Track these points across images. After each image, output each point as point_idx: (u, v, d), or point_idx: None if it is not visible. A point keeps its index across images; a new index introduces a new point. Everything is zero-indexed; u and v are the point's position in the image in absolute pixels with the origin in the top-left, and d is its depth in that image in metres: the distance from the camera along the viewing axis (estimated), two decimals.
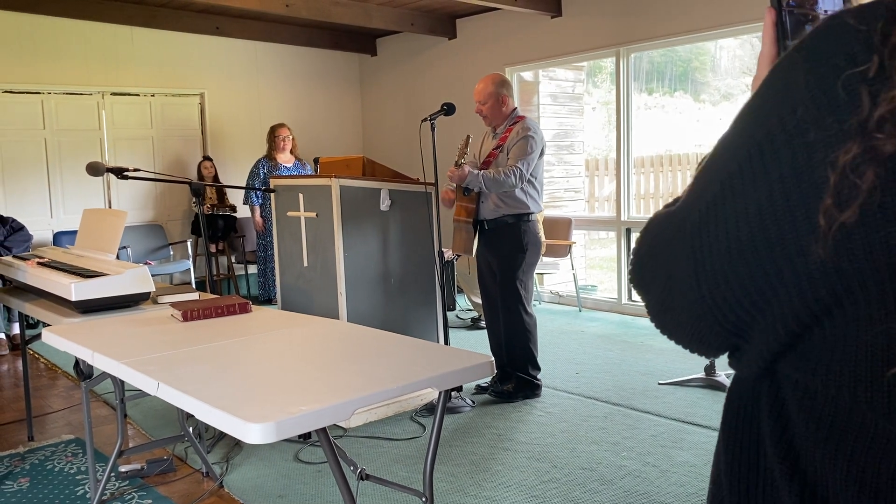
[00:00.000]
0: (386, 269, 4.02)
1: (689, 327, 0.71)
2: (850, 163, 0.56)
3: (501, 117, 4.08)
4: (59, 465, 3.40)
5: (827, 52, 0.60)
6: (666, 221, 0.73)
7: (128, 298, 2.91)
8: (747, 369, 0.71)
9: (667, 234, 0.72)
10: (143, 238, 7.27)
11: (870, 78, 0.57)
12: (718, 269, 0.65)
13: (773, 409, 0.69)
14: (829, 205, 0.57)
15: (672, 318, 0.73)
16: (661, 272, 0.72)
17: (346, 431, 3.65)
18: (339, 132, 8.69)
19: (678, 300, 0.70)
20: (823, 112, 0.58)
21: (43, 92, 6.90)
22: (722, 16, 5.47)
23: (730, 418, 0.76)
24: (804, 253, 0.59)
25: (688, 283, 0.68)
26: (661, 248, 0.72)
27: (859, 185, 0.56)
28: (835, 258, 0.58)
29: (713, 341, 0.71)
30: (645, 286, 0.76)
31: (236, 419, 1.51)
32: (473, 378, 1.93)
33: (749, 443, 0.73)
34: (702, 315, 0.68)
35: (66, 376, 4.94)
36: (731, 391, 0.76)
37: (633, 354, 5.00)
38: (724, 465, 0.76)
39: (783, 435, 0.68)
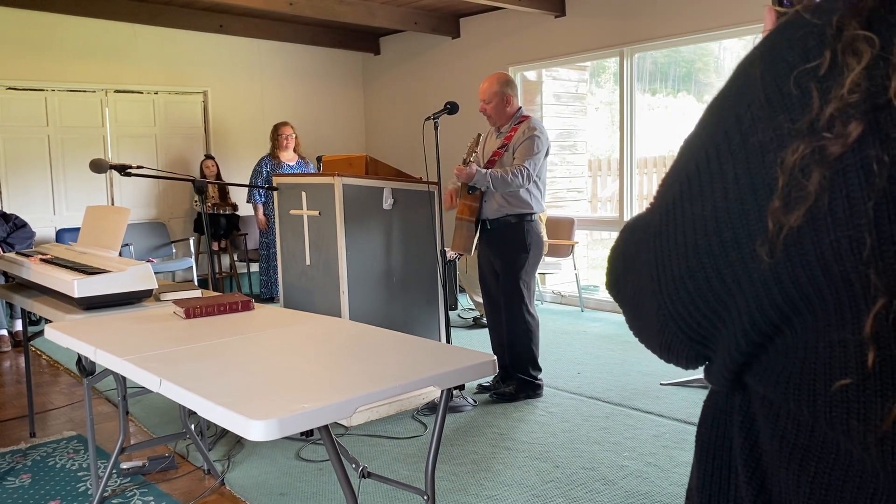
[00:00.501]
0: (388, 267, 4.02)
1: (656, 335, 0.68)
2: (797, 163, 0.54)
3: (506, 117, 4.07)
4: (61, 462, 3.40)
5: (782, 47, 0.57)
6: (635, 225, 0.71)
7: (130, 295, 2.91)
8: (717, 382, 0.68)
9: (635, 237, 0.70)
10: (146, 236, 7.28)
11: (821, 75, 0.54)
12: (678, 274, 0.62)
13: (744, 424, 0.66)
14: (777, 207, 0.54)
15: (642, 326, 0.70)
16: (630, 278, 0.70)
17: (347, 430, 3.65)
18: (342, 131, 8.69)
19: (645, 308, 0.68)
20: (776, 110, 0.56)
21: (46, 89, 6.91)
22: (726, 16, 5.46)
23: (703, 432, 0.73)
24: (759, 258, 0.56)
25: (651, 289, 0.66)
26: (631, 254, 0.70)
27: (807, 186, 0.53)
28: (788, 264, 0.55)
29: (682, 352, 0.68)
30: (618, 294, 0.74)
31: (239, 416, 1.51)
32: (476, 377, 1.93)
33: (721, 459, 0.70)
34: (665, 323, 0.66)
35: (69, 373, 4.95)
36: (706, 404, 0.74)
37: (634, 355, 5.00)
38: (695, 480, 0.73)
39: (752, 451, 0.65)
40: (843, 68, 0.53)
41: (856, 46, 0.53)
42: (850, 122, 0.52)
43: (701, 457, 0.72)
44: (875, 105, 0.51)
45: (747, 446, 0.66)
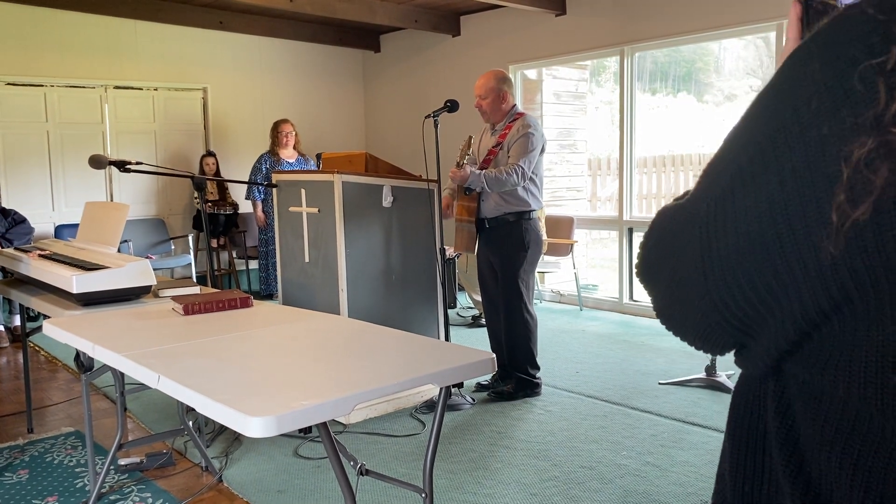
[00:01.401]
0: (387, 265, 4.02)
1: (694, 324, 0.69)
2: (864, 157, 0.54)
3: (501, 114, 4.06)
4: (59, 458, 3.40)
5: (844, 42, 0.57)
6: (674, 214, 0.70)
7: (129, 292, 2.91)
8: (753, 367, 0.69)
9: (674, 227, 0.70)
10: (145, 232, 7.27)
11: (888, 70, 0.54)
12: (726, 264, 0.63)
13: (779, 408, 0.67)
14: (842, 200, 0.55)
15: (677, 313, 0.71)
16: (667, 267, 0.70)
17: (345, 427, 3.65)
18: (342, 128, 8.69)
19: (684, 296, 0.68)
20: (839, 104, 0.56)
21: (46, 85, 6.90)
22: (726, 16, 5.46)
23: (736, 417, 0.74)
24: (815, 249, 0.57)
25: (694, 279, 0.66)
26: (669, 242, 0.70)
27: (873, 180, 0.54)
28: (847, 256, 0.55)
29: (719, 339, 0.69)
30: (651, 280, 0.74)
31: (237, 412, 1.51)
32: (474, 374, 1.93)
33: (754, 442, 0.71)
34: (708, 312, 0.66)
35: (67, 369, 4.94)
36: (738, 389, 0.75)
37: (633, 354, 5.00)
38: (728, 463, 0.74)
39: (788, 435, 0.66)
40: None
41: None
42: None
43: (734, 441, 0.73)
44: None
45: (783, 430, 0.67)
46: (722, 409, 3.81)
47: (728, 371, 4.32)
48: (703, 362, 4.36)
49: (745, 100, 11.76)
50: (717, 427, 3.58)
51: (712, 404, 3.90)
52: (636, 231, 6.41)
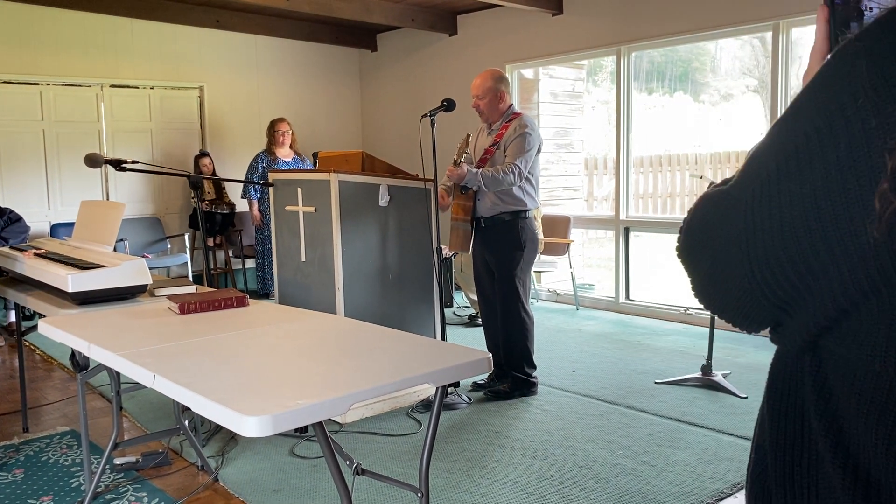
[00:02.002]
0: (384, 264, 4.02)
1: (735, 301, 0.74)
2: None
3: (498, 113, 4.07)
4: (54, 457, 3.39)
5: (889, 42, 0.62)
6: (719, 198, 0.75)
7: (125, 290, 2.90)
8: (791, 343, 0.74)
9: (719, 211, 0.74)
10: (141, 231, 7.26)
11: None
12: (770, 246, 0.68)
13: (817, 382, 0.72)
14: (885, 189, 0.59)
15: (718, 291, 0.76)
16: (710, 247, 0.75)
17: (342, 427, 3.65)
18: (338, 127, 8.68)
19: (726, 274, 0.73)
20: (884, 101, 0.61)
21: (42, 83, 6.88)
22: (722, 16, 5.46)
23: (774, 390, 0.79)
24: (857, 233, 0.62)
25: (737, 259, 0.71)
26: (713, 225, 0.75)
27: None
28: (889, 240, 0.60)
29: (757, 315, 0.74)
30: (693, 259, 0.79)
31: (233, 412, 1.51)
32: (471, 374, 1.93)
33: (793, 415, 0.76)
34: (749, 289, 0.71)
35: (62, 368, 4.93)
36: (775, 365, 0.79)
37: (629, 353, 5.00)
38: (768, 434, 0.78)
39: (827, 407, 0.71)
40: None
41: None
42: None
43: (773, 414, 0.78)
44: None
45: (822, 403, 0.71)
46: (717, 409, 3.82)
47: (723, 370, 4.32)
48: (699, 362, 4.37)
49: (741, 100, 11.79)
50: (713, 426, 3.59)
51: (708, 404, 3.91)
52: (632, 230, 6.42)
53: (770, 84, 5.39)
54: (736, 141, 10.76)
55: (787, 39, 5.18)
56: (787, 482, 0.75)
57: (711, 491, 2.92)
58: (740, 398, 3.97)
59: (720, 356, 4.65)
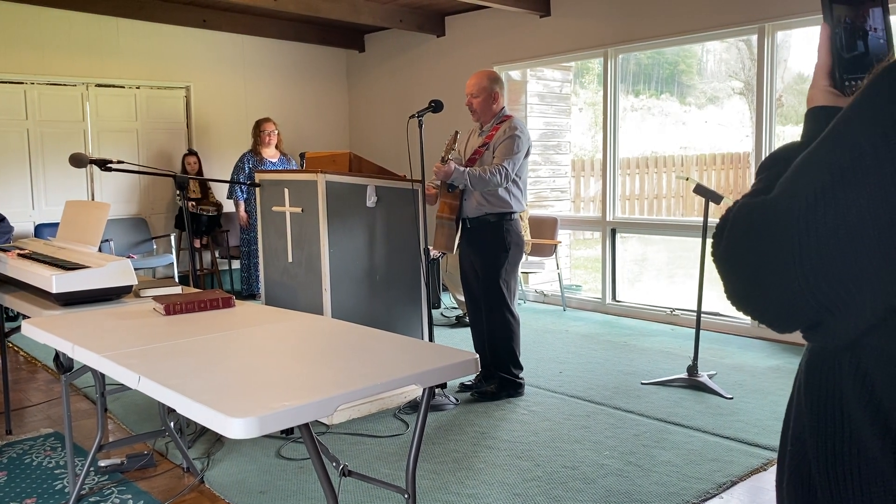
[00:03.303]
0: (371, 265, 4.01)
1: (777, 304, 0.78)
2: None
3: (490, 114, 4.07)
4: (38, 459, 3.36)
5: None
6: (764, 207, 0.78)
7: (109, 291, 2.88)
8: (831, 341, 0.78)
9: (765, 218, 0.77)
10: (126, 231, 7.21)
11: None
12: (823, 252, 0.71)
13: (857, 375, 0.76)
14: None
15: (760, 295, 0.79)
16: (754, 253, 0.78)
17: (328, 428, 3.64)
18: (325, 128, 8.66)
19: (772, 280, 0.77)
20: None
21: (26, 82, 6.82)
22: (709, 19, 5.49)
23: (812, 385, 0.83)
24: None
25: (787, 265, 0.74)
26: (758, 231, 0.78)
27: None
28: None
29: (801, 317, 0.78)
30: (733, 265, 0.82)
31: (218, 413, 1.50)
32: (458, 375, 1.93)
33: (833, 407, 0.80)
34: (798, 292, 0.74)
35: (46, 369, 4.89)
36: (811, 362, 0.84)
37: (616, 354, 5.02)
38: (808, 426, 0.83)
39: (870, 399, 0.75)
40: None
41: None
42: None
43: (813, 407, 0.82)
44: None
45: (864, 395, 0.76)
46: (703, 409, 3.84)
47: (709, 371, 4.35)
48: (685, 363, 4.39)
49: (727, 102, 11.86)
50: (699, 427, 3.60)
51: (694, 404, 3.93)
52: (619, 231, 6.44)
53: (756, 86, 5.43)
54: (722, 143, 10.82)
55: (772, 42, 5.22)
56: (831, 469, 0.79)
57: (697, 491, 2.93)
58: (726, 399, 3.99)
59: (706, 357, 4.67)
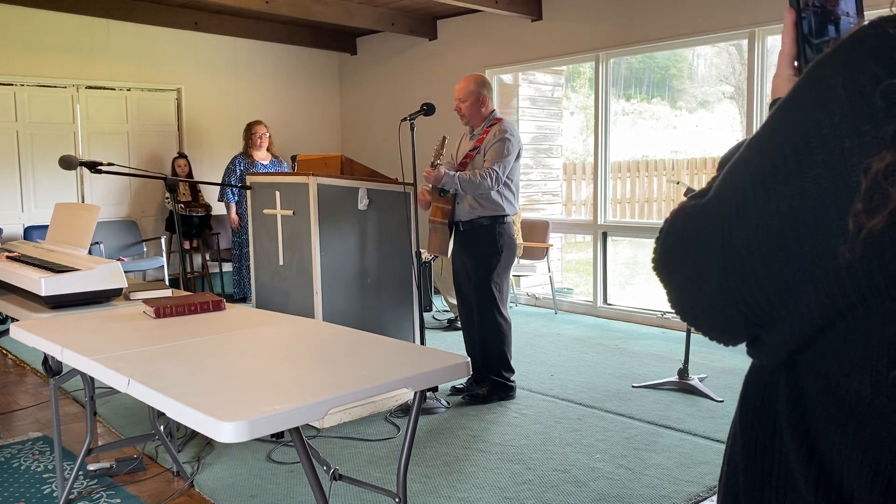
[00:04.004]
0: (363, 268, 4.00)
1: (711, 315, 0.73)
2: (883, 170, 0.57)
3: (480, 118, 4.08)
4: (26, 464, 3.33)
5: (866, 59, 0.61)
6: (696, 213, 0.74)
7: (99, 294, 2.87)
8: (767, 359, 0.73)
9: (696, 224, 0.73)
10: (117, 234, 7.18)
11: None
12: (747, 262, 0.67)
13: (792, 396, 0.71)
14: (859, 210, 0.59)
15: (694, 304, 0.75)
16: (688, 262, 0.74)
17: (319, 432, 3.63)
18: (317, 130, 8.65)
19: (703, 289, 0.72)
20: (861, 119, 0.60)
21: (16, 84, 6.78)
22: (700, 23, 5.52)
23: (747, 403, 0.78)
24: (833, 253, 0.61)
25: (714, 274, 0.70)
26: (689, 237, 0.74)
27: (890, 193, 0.57)
28: (864, 260, 0.59)
29: (734, 331, 0.73)
30: (668, 272, 0.78)
31: (208, 417, 1.49)
32: (449, 378, 1.93)
33: (766, 428, 0.75)
34: (726, 305, 0.70)
35: (35, 373, 4.86)
36: (749, 378, 0.78)
37: (607, 357, 5.03)
38: (740, 447, 0.78)
39: (801, 421, 0.70)
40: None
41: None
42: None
43: (745, 426, 0.77)
44: None
45: (796, 417, 0.70)
46: (694, 412, 3.85)
47: (700, 374, 4.36)
48: (675, 366, 4.40)
49: (717, 106, 11.92)
50: (690, 430, 3.61)
51: (685, 407, 3.94)
52: (610, 235, 6.46)
53: (746, 91, 5.46)
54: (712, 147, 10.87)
55: (762, 47, 5.25)
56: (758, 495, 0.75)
57: (688, 494, 2.94)
58: (716, 402, 4.00)
59: (697, 360, 4.69)
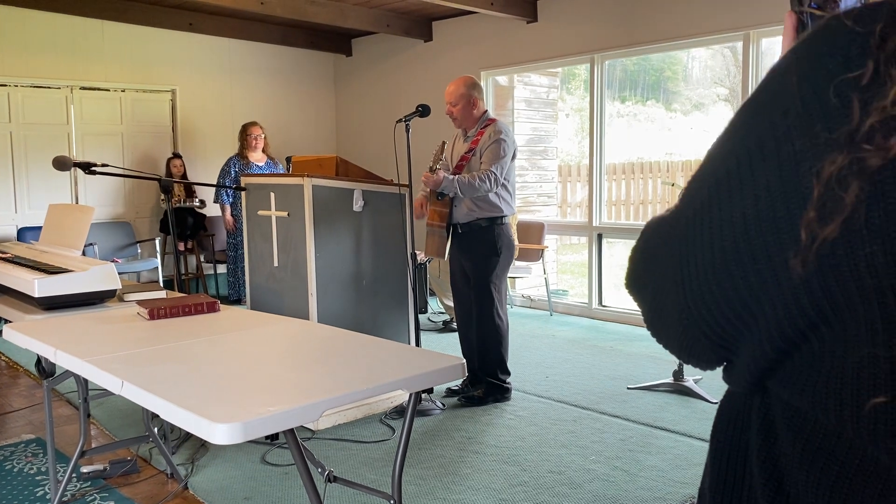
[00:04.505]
0: (358, 270, 4.00)
1: (677, 337, 0.67)
2: (835, 174, 0.52)
3: (472, 120, 4.08)
4: (19, 466, 3.32)
5: (821, 54, 0.56)
6: (657, 227, 0.69)
7: (93, 296, 2.86)
8: (737, 385, 0.67)
9: (658, 240, 0.69)
10: (111, 235, 7.15)
11: (863, 85, 0.53)
12: (703, 279, 0.61)
13: (763, 426, 0.66)
14: (812, 218, 0.53)
15: (662, 326, 0.69)
16: (653, 278, 0.69)
17: (314, 433, 3.62)
18: (312, 132, 8.64)
19: (666, 309, 0.67)
20: (814, 119, 0.54)
21: (10, 84, 6.76)
22: (694, 26, 5.53)
23: (719, 432, 0.73)
24: (790, 267, 0.55)
25: (674, 293, 0.65)
26: (653, 255, 0.69)
27: (843, 198, 0.52)
28: (819, 275, 0.54)
29: (701, 353, 0.67)
30: (638, 291, 0.73)
31: (202, 419, 1.48)
32: (444, 380, 1.92)
33: (736, 458, 0.69)
34: (688, 326, 0.65)
35: (28, 374, 4.84)
36: (723, 404, 0.73)
37: (602, 359, 5.03)
38: (709, 478, 0.72)
39: (770, 453, 0.65)
40: (886, 80, 0.52)
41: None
42: (891, 134, 0.51)
43: (715, 456, 0.72)
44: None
45: (765, 448, 0.65)
46: (689, 414, 3.85)
47: (695, 376, 4.36)
48: (670, 367, 4.40)
49: (712, 108, 11.95)
50: (685, 431, 3.61)
51: (680, 409, 3.94)
52: (605, 237, 6.46)
53: (741, 93, 5.47)
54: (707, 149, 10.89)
55: (757, 49, 5.26)
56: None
57: (683, 496, 2.94)
58: (711, 403, 4.01)
59: None
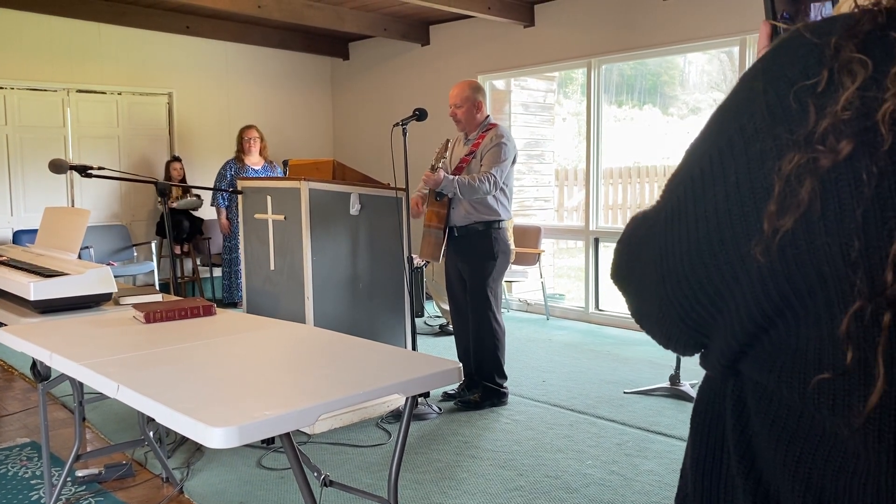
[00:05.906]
0: (354, 273, 3.99)
1: (657, 323, 0.74)
2: (793, 172, 0.58)
3: (475, 123, 4.08)
4: (14, 470, 3.30)
5: (784, 63, 0.62)
6: (641, 220, 0.76)
7: (89, 299, 2.85)
8: (712, 368, 0.73)
9: (639, 234, 0.75)
10: (107, 238, 7.14)
11: (819, 91, 0.59)
12: (680, 269, 0.68)
13: (736, 408, 0.71)
14: (773, 211, 0.59)
15: (645, 314, 0.76)
16: (635, 269, 0.76)
17: (310, 437, 3.61)
18: (309, 135, 8.64)
19: (649, 299, 0.74)
20: (777, 121, 0.61)
21: (6, 87, 6.75)
22: (691, 31, 5.55)
23: (697, 415, 0.79)
24: (755, 257, 0.61)
25: (655, 282, 0.71)
26: (636, 249, 0.75)
27: (800, 193, 0.58)
28: (783, 263, 0.60)
29: (680, 338, 0.74)
30: (622, 283, 0.79)
31: (198, 423, 1.48)
32: (441, 384, 1.92)
33: (714, 440, 0.75)
34: (668, 312, 0.71)
35: (23, 378, 4.82)
36: (701, 389, 0.79)
37: (599, 363, 5.03)
38: (690, 459, 0.78)
39: (743, 433, 0.71)
40: (839, 87, 0.58)
41: (851, 67, 0.58)
42: (842, 138, 0.57)
43: (695, 437, 0.78)
44: (865, 125, 0.57)
45: (738, 427, 0.71)
46: (686, 419, 3.85)
47: (692, 380, 4.36)
48: (667, 371, 4.40)
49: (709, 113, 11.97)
50: (682, 436, 3.61)
51: (676, 413, 3.94)
52: (602, 241, 6.46)
53: None
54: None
55: (753, 54, 5.27)
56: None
57: None
58: None
59: (688, 366, 4.69)
